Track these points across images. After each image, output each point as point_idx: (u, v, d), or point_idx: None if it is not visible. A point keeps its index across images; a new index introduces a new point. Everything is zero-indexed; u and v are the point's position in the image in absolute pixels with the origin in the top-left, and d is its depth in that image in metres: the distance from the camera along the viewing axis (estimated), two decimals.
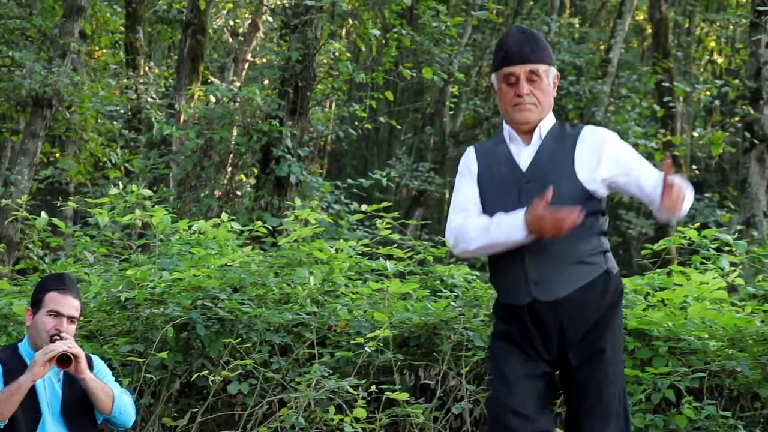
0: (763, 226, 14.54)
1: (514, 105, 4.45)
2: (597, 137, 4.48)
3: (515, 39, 4.50)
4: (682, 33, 28.49)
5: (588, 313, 4.34)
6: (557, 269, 4.34)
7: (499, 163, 4.52)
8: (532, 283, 4.34)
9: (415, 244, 8.70)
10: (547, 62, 4.49)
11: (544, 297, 4.33)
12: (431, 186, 23.69)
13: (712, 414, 6.30)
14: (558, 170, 4.39)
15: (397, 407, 6.61)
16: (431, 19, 14.46)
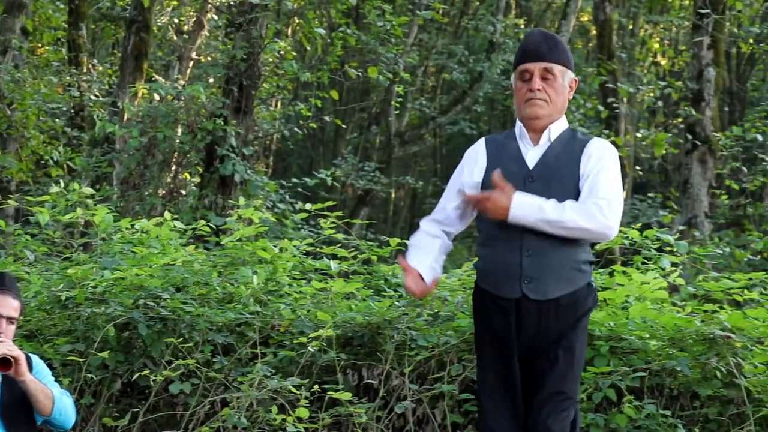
0: (705, 226, 14.68)
1: (526, 100, 4.61)
2: (600, 149, 4.64)
3: (534, 39, 4.69)
4: (626, 35, 28.63)
5: (566, 318, 4.50)
6: (552, 272, 4.49)
7: (507, 159, 4.67)
8: (526, 280, 4.49)
9: (359, 244, 8.70)
10: (564, 64, 4.65)
11: (534, 295, 4.49)
12: (377, 185, 23.70)
13: (652, 413, 6.35)
14: (562, 173, 4.55)
15: (340, 407, 6.60)
16: (377, 18, 14.47)
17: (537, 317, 4.51)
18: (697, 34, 14.67)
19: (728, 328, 6.66)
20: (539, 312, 4.50)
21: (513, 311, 4.52)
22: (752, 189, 16.88)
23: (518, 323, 4.52)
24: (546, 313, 4.50)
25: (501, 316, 4.56)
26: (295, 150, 34.03)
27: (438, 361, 7.02)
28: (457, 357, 7.01)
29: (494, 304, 4.60)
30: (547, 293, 4.49)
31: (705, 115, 14.68)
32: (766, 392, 6.37)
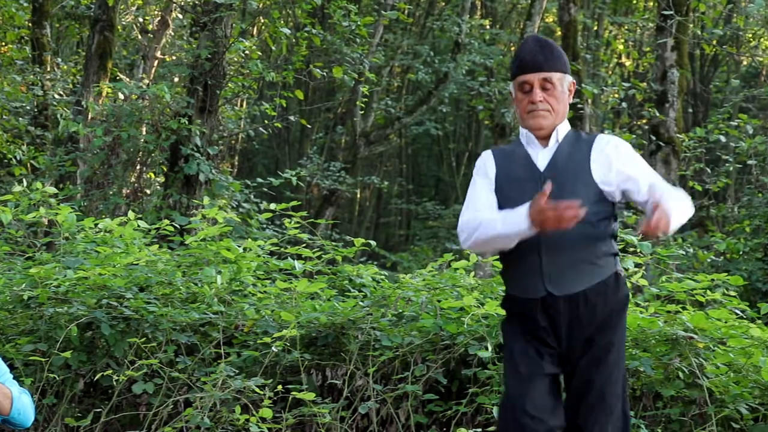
0: None
1: (529, 111, 4.62)
2: (611, 144, 4.64)
3: (530, 48, 4.66)
4: (591, 36, 28.79)
5: (597, 312, 4.48)
6: (572, 266, 4.49)
7: (517, 165, 4.67)
8: (547, 277, 4.48)
9: (324, 244, 8.70)
10: (561, 70, 4.65)
11: (558, 291, 4.47)
12: (342, 185, 23.69)
13: None
14: (574, 172, 4.55)
15: (304, 407, 6.60)
16: (342, 18, 14.45)
17: (567, 313, 4.50)
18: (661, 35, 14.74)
19: (691, 329, 6.70)
20: (569, 308, 4.49)
21: (540, 310, 4.52)
22: (715, 190, 16.97)
23: (549, 322, 4.52)
24: (576, 309, 4.49)
25: (531, 319, 4.56)
26: (261, 150, 34.02)
27: (402, 362, 7.03)
28: (422, 357, 7.03)
29: (524, 308, 4.59)
30: (570, 288, 4.49)
31: (669, 116, 14.75)
32: (727, 393, 6.41)
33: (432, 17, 29.40)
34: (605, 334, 4.51)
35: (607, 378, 4.49)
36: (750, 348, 6.64)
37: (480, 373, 6.71)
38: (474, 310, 6.83)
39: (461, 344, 6.89)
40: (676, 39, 14.67)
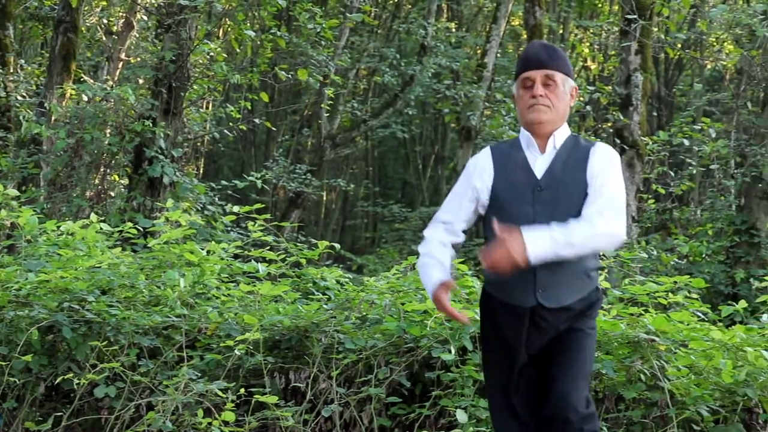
0: (632, 230, 14.80)
1: (529, 106, 4.67)
2: (604, 153, 4.68)
3: (534, 48, 4.78)
4: (557, 39, 28.86)
5: (578, 320, 4.62)
6: (565, 280, 4.56)
7: (515, 168, 4.71)
8: (540, 288, 4.55)
9: (288, 247, 8.68)
10: (564, 72, 4.72)
11: (548, 303, 4.56)
12: (308, 188, 23.64)
13: None
14: (569, 181, 4.60)
15: (267, 410, 6.58)
16: (307, 21, 14.43)
17: (551, 323, 4.58)
18: (625, 39, 14.79)
19: (653, 332, 6.73)
20: (554, 318, 4.58)
21: (527, 319, 4.59)
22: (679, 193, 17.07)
23: (531, 329, 4.61)
24: (559, 319, 4.58)
25: (513, 323, 4.63)
26: (227, 152, 33.92)
27: (365, 365, 7.03)
28: (385, 360, 7.02)
29: (505, 311, 4.66)
30: (561, 301, 4.56)
31: (633, 119, 14.80)
32: (689, 395, 6.44)
33: (398, 20, 29.40)
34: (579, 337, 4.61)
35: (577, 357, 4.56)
36: (711, 350, 6.68)
37: (443, 375, 6.72)
38: (437, 313, 6.82)
39: (425, 347, 6.90)
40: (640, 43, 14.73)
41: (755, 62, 13.91)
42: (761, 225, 13.59)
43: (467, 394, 6.54)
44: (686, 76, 32.27)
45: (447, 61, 24.61)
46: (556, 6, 27.87)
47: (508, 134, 19.77)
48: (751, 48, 14.85)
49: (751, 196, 13.69)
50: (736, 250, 13.52)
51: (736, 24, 17.46)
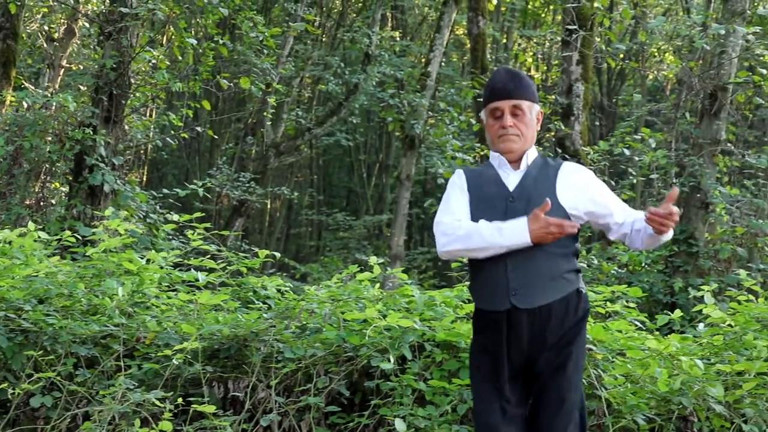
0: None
1: (499, 136, 4.94)
2: (578, 173, 4.96)
3: (501, 78, 4.98)
4: (500, 48, 29.02)
5: (558, 325, 4.75)
6: (537, 281, 4.72)
7: (488, 184, 4.94)
8: (513, 290, 4.71)
9: (228, 256, 8.66)
10: (530, 99, 4.98)
11: (522, 305, 4.70)
12: (252, 196, 23.58)
13: None
14: (541, 194, 4.81)
15: (205, 420, 6.55)
16: (249, 29, 14.41)
17: (528, 326, 4.71)
18: (567, 49, 14.91)
19: (590, 341, 6.78)
20: (530, 320, 4.71)
21: (504, 323, 4.73)
22: None
23: (510, 334, 4.73)
24: (537, 321, 4.71)
25: (494, 330, 4.78)
26: (171, 160, 33.77)
27: (305, 374, 7.01)
28: (324, 369, 7.01)
29: (489, 320, 4.82)
30: (534, 302, 4.70)
31: (574, 129, 14.93)
32: (625, 404, 6.48)
33: (343, 28, 29.43)
34: (566, 345, 4.74)
35: (568, 386, 4.71)
36: (647, 359, 6.74)
37: (383, 384, 6.72)
38: (377, 321, 6.83)
39: (364, 356, 6.90)
40: (582, 53, 14.85)
41: (694, 73, 14.05)
42: (699, 235, 13.72)
43: (406, 403, 6.54)
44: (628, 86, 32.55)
45: (391, 70, 24.66)
46: (499, 16, 28.02)
47: (451, 143, 19.82)
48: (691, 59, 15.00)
49: (690, 206, 13.82)
50: (674, 260, 13.63)
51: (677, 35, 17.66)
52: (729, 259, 13.63)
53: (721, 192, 13.63)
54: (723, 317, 7.44)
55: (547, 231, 4.62)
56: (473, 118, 20.44)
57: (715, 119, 13.79)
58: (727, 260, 13.60)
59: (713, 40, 13.78)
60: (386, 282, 15.29)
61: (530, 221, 4.65)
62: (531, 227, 4.64)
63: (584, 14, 14.79)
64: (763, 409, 6.42)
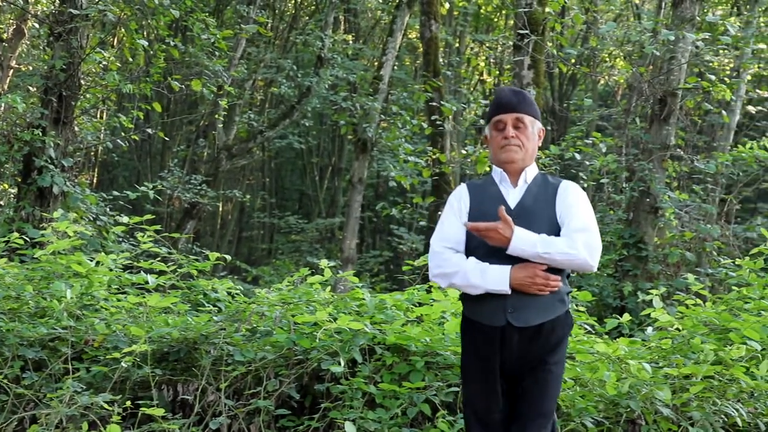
0: None
1: (502, 147, 5.09)
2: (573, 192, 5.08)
3: (505, 94, 5.19)
4: (453, 53, 29.07)
5: (547, 342, 4.91)
6: (533, 303, 4.87)
7: (490, 200, 5.06)
8: (510, 309, 4.87)
9: (179, 258, 8.62)
10: (533, 115, 5.15)
11: (517, 323, 4.87)
12: (204, 199, 23.47)
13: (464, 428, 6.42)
14: (541, 212, 4.99)
15: (154, 423, 6.51)
16: (200, 31, 14.35)
17: (519, 342, 4.88)
18: (518, 54, 14.95)
19: None
20: (522, 338, 4.88)
21: (498, 337, 4.90)
22: None
23: (502, 347, 4.90)
24: (528, 339, 4.88)
25: (487, 342, 4.94)
26: (122, 162, 33.57)
27: (255, 377, 7.00)
28: (274, 372, 7.00)
29: (481, 332, 4.97)
30: (529, 321, 4.86)
31: None
32: (574, 407, 6.52)
33: (295, 31, 29.38)
34: (549, 358, 4.90)
35: (544, 396, 4.89)
36: (596, 363, 6.79)
37: (333, 387, 6.72)
38: (327, 324, 6.82)
39: (314, 359, 6.90)
40: (533, 58, 14.90)
41: (644, 79, 14.15)
42: (649, 239, 13.82)
43: (356, 406, 6.54)
44: (580, 91, 32.72)
45: (344, 73, 24.64)
46: (452, 20, 28.07)
47: (404, 146, 19.84)
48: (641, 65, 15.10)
49: (639, 210, 13.92)
50: (624, 264, 13.73)
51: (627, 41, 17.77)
52: (678, 263, 13.73)
53: (671, 197, 13.73)
54: (671, 321, 7.50)
55: (533, 281, 4.81)
56: (425, 121, 20.47)
57: (665, 124, 13.90)
58: (676, 264, 13.71)
59: (663, 46, 13.89)
60: (338, 285, 15.26)
61: (518, 268, 4.83)
62: (515, 275, 4.82)
63: (536, 19, 14.84)
64: (710, 412, 6.48)
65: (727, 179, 17.42)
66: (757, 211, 25.16)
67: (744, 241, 15.90)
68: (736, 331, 7.01)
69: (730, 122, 18.64)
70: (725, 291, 11.41)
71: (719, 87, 13.58)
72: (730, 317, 7.41)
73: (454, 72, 27.73)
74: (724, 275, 10.68)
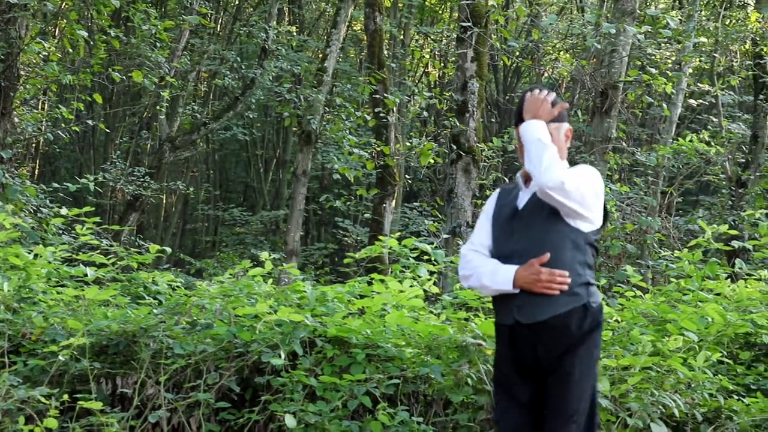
0: (468, 235, 14.97)
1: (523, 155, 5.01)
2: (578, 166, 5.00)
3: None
4: (397, 45, 29.08)
5: (561, 339, 4.83)
6: (541, 297, 4.82)
7: (507, 203, 5.16)
8: (516, 306, 4.88)
9: (119, 251, 8.55)
10: (558, 120, 5.08)
11: (524, 320, 4.86)
12: (147, 191, 23.33)
13: (405, 420, 6.44)
14: (546, 209, 4.90)
15: (92, 417, 6.46)
16: (142, 22, 14.24)
17: (528, 339, 4.86)
18: (461, 46, 14.96)
19: (480, 336, 6.83)
20: (530, 334, 4.85)
21: (507, 334, 4.94)
22: None
23: (515, 345, 4.92)
24: (537, 336, 4.84)
25: (501, 341, 5.03)
26: (64, 154, 33.29)
27: (195, 370, 6.96)
28: (215, 365, 6.97)
29: (498, 331, 5.07)
30: (534, 316, 4.83)
31: (469, 126, 14.96)
32: None
33: (239, 23, 29.27)
34: (570, 356, 4.81)
35: (569, 396, 4.79)
36: None
37: (273, 380, 6.70)
38: (267, 317, 6.80)
39: (255, 352, 6.88)
40: (476, 50, 14.92)
41: (586, 72, 14.23)
42: None
43: (297, 398, 6.53)
44: (524, 84, 32.86)
45: (288, 65, 24.58)
46: (396, 12, 28.06)
47: (348, 138, 19.81)
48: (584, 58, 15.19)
49: None
50: None
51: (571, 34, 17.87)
52: (619, 255, 13.82)
53: (612, 189, 13.81)
54: (611, 312, 7.55)
55: (537, 279, 4.79)
56: (370, 113, 20.45)
57: (606, 117, 13.99)
58: (617, 257, 13.80)
59: (604, 39, 13.97)
60: (282, 278, 15.23)
61: (522, 268, 4.83)
62: (519, 274, 4.83)
63: (479, 11, 14.86)
64: (648, 403, 6.53)
65: (669, 172, 17.54)
66: (698, 203, 25.44)
67: (685, 233, 16.06)
68: (674, 322, 7.07)
69: (671, 115, 18.77)
70: (666, 283, 11.50)
71: (660, 80, 13.69)
72: (669, 309, 7.48)
73: (399, 64, 27.73)
74: (664, 267, 10.78)
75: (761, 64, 19.30)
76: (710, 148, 15.48)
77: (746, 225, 15.48)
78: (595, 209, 4.93)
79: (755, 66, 19.49)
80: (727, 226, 9.04)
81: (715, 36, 17.76)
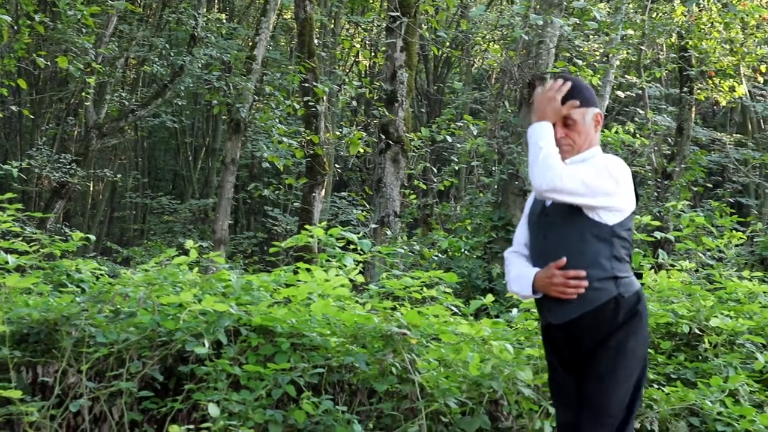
0: (397, 225, 15.03)
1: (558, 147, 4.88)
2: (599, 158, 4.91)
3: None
4: (328, 34, 29.04)
5: (595, 335, 4.77)
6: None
7: (540, 201, 5.05)
8: (546, 308, 4.88)
9: (41, 238, 8.45)
10: (584, 105, 4.95)
11: (555, 320, 4.85)
12: (74, 178, 23.09)
13: (329, 409, 6.44)
14: (567, 204, 4.78)
15: (12, 406, 6.38)
16: (67, 7, 14.07)
17: (564, 339, 4.85)
18: (391, 36, 14.99)
19: (405, 326, 6.84)
20: (565, 334, 4.83)
21: (546, 335, 4.97)
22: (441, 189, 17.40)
23: (554, 345, 4.94)
24: (572, 334, 4.81)
25: (544, 340, 5.05)
26: None
27: (117, 358, 6.89)
28: (138, 354, 6.91)
29: (542, 331, 5.08)
30: (564, 316, 4.79)
31: (398, 115, 15.02)
32: (437, 388, 6.57)
33: (168, 9, 29.04)
34: (605, 351, 4.74)
35: (602, 392, 4.71)
36: (460, 344, 6.85)
37: (197, 369, 6.66)
38: (192, 305, 6.75)
39: (179, 340, 6.83)
40: (405, 40, 14.95)
41: (514, 63, 14.30)
42: (517, 221, 13.99)
43: (221, 387, 6.50)
44: (455, 74, 32.98)
45: (218, 53, 24.46)
46: (327, 0, 28.02)
47: (277, 127, 19.75)
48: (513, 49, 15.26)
49: (508, 193, 14.08)
50: (493, 246, 13.87)
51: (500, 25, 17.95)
52: None
53: None
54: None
55: (551, 282, 4.76)
56: (299, 102, 20.40)
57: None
58: None
59: (532, 30, 14.04)
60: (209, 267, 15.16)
61: (542, 271, 4.82)
62: (538, 278, 4.83)
63: (408, 2, 14.90)
64: None
65: None
66: None
67: None
68: None
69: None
70: None
71: (587, 72, 13.79)
72: None
73: (329, 53, 27.71)
74: None
75: (686, 57, 19.55)
76: (636, 140, 15.65)
77: (671, 216, 15.69)
78: (618, 197, 4.78)
79: (681, 59, 19.74)
80: (651, 217, 9.13)
81: (642, 29, 17.93)
